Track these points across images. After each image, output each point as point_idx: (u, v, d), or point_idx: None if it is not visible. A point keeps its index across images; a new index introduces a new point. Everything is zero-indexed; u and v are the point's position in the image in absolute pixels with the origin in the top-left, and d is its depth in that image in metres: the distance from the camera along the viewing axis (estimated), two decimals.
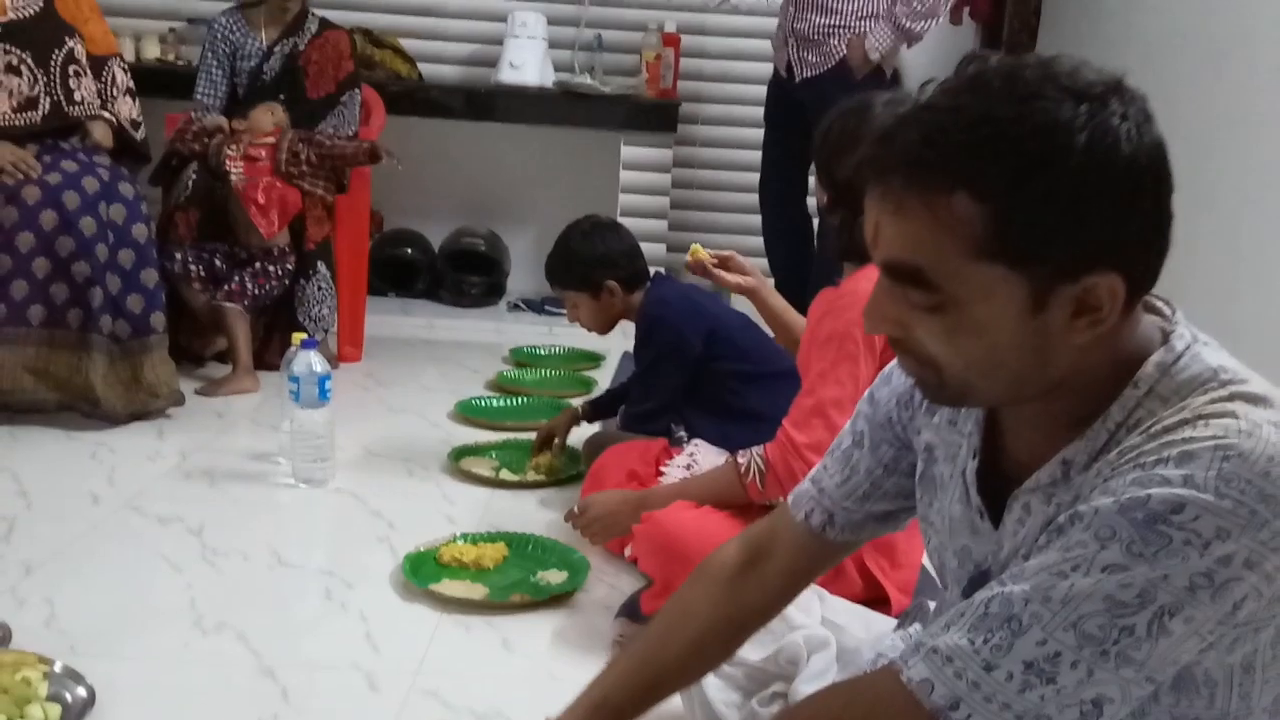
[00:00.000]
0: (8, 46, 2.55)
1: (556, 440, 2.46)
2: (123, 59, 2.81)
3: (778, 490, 1.62)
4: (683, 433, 2.27)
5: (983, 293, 0.78)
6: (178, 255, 2.97)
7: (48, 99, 2.62)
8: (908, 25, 3.21)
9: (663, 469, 2.10)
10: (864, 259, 1.66)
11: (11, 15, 2.57)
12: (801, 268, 3.49)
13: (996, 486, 0.90)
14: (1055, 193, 0.75)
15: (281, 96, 3.22)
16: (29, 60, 2.58)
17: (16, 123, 2.57)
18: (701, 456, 2.08)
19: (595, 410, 2.51)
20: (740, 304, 2.51)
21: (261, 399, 2.86)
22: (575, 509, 1.95)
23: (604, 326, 2.44)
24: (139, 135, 2.87)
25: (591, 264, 2.35)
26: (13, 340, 2.46)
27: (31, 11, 2.61)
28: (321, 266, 3.19)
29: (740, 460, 1.68)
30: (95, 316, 2.49)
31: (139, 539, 1.99)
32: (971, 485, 0.92)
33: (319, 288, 3.18)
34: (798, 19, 3.29)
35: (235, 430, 2.64)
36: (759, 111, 4.03)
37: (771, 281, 3.76)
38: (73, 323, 2.50)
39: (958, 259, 0.77)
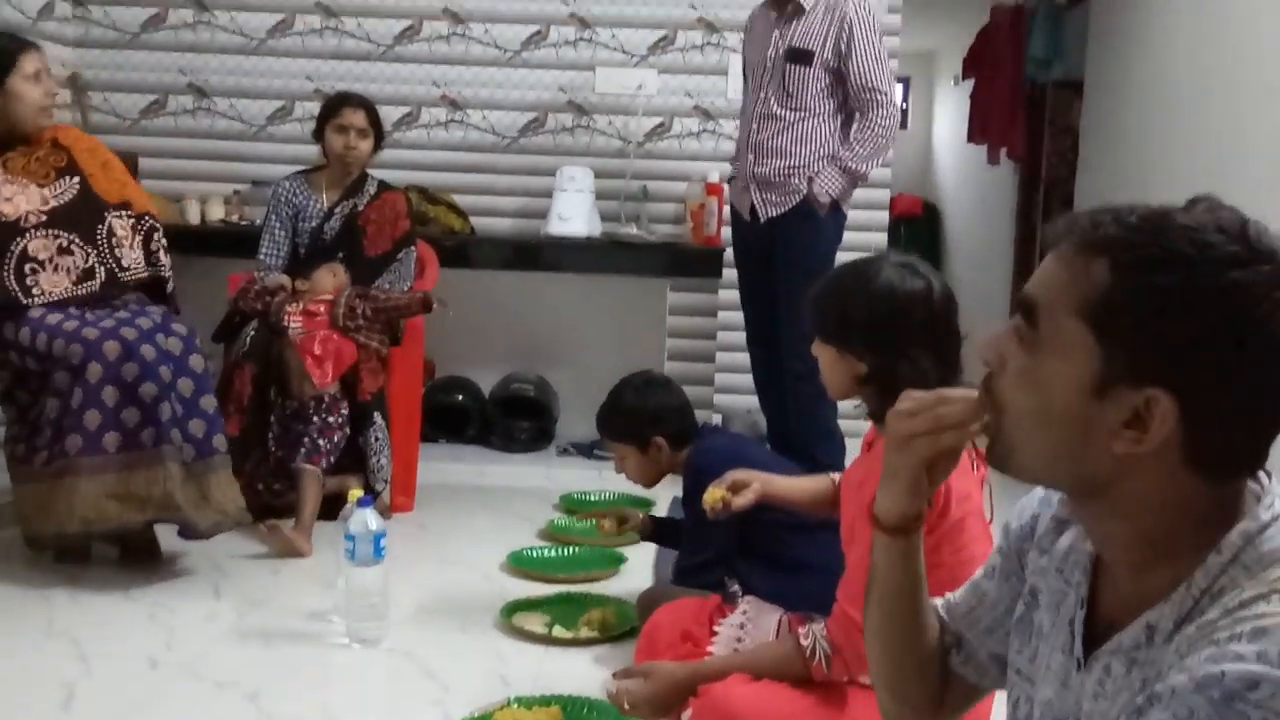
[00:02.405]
0: (56, 231, 2.72)
1: (609, 522, 2.50)
2: (154, 216, 2.95)
3: (843, 670, 1.60)
4: (736, 586, 2.25)
5: (1065, 349, 0.83)
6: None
7: (102, 268, 2.77)
8: (854, 168, 3.30)
9: (716, 628, 2.07)
10: None
11: (53, 203, 2.75)
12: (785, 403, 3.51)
13: (1088, 640, 0.91)
14: (1175, 294, 0.79)
15: (341, 255, 3.34)
16: (77, 239, 2.75)
17: (79, 293, 2.73)
18: (754, 616, 2.05)
19: (655, 529, 2.53)
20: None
21: (316, 551, 2.88)
22: (615, 689, 1.89)
23: (650, 480, 2.46)
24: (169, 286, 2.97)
25: (641, 418, 2.38)
26: (92, 470, 2.53)
27: (70, 196, 2.78)
28: (378, 417, 3.26)
29: (803, 641, 1.66)
30: (166, 430, 2.57)
31: (196, 707, 2.00)
32: (1078, 635, 0.92)
33: (376, 438, 3.24)
34: (758, 164, 3.40)
35: (291, 587, 2.65)
36: None
37: (763, 422, 3.76)
38: (146, 441, 2.57)
39: (1065, 307, 0.83)
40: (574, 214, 3.98)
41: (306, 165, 3.56)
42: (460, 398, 4.17)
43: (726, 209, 3.85)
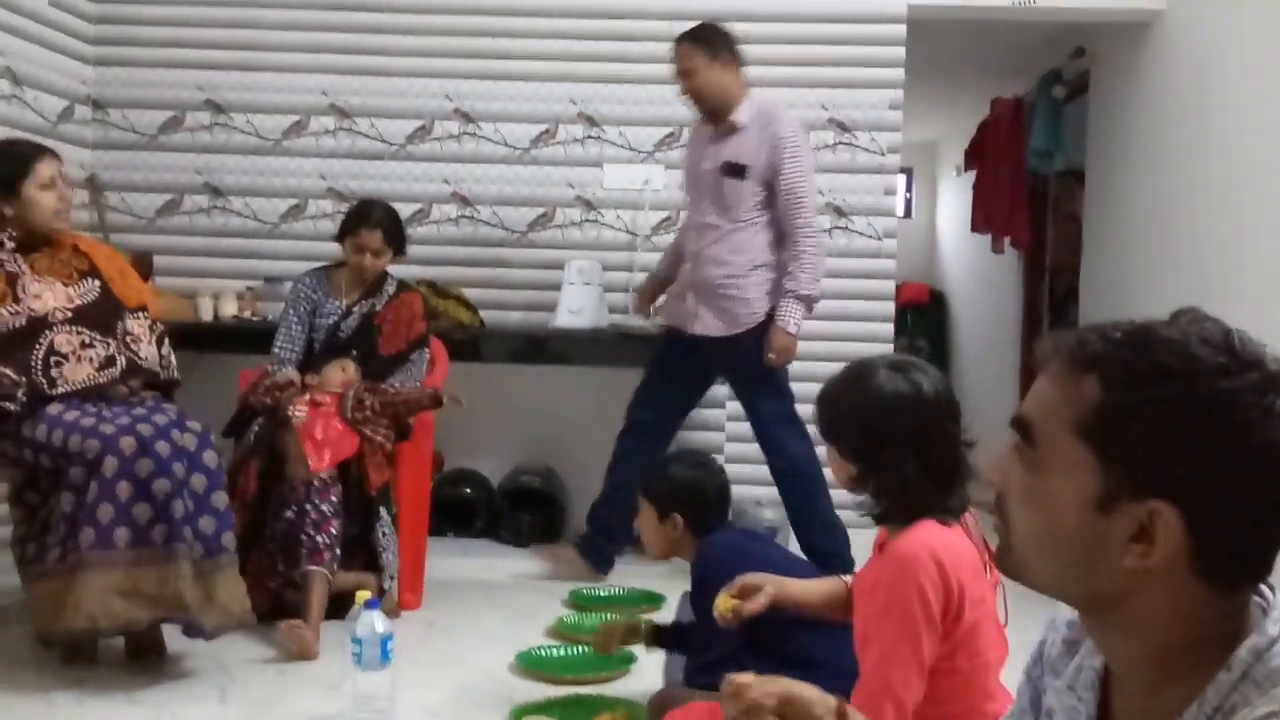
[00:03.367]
0: (79, 328, 2.79)
1: (603, 640, 2.47)
2: (147, 312, 2.99)
3: None
4: None
5: (1065, 467, 0.84)
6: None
7: (122, 357, 2.84)
8: (807, 293, 3.45)
9: None
10: (906, 519, 1.67)
11: (78, 302, 2.84)
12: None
13: None
14: (1166, 406, 0.80)
15: (354, 352, 3.37)
16: (98, 335, 2.82)
17: (100, 380, 2.78)
18: None
19: (659, 636, 2.49)
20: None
21: (323, 652, 2.85)
22: None
23: (658, 550, 2.46)
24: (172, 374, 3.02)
25: (671, 488, 2.39)
26: (101, 564, 2.52)
27: (93, 297, 2.87)
28: (384, 512, 3.25)
29: None
30: (178, 527, 2.57)
31: None
32: None
33: (383, 534, 3.23)
34: (696, 272, 3.56)
35: (297, 691, 2.62)
36: (807, 346, 4.16)
37: (772, 514, 3.80)
38: (157, 538, 2.56)
39: (1061, 426, 0.84)
40: (582, 307, 4.02)
41: (319, 262, 3.61)
42: (468, 490, 4.16)
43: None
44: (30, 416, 2.65)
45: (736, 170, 3.45)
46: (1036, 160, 5.50)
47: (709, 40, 3.46)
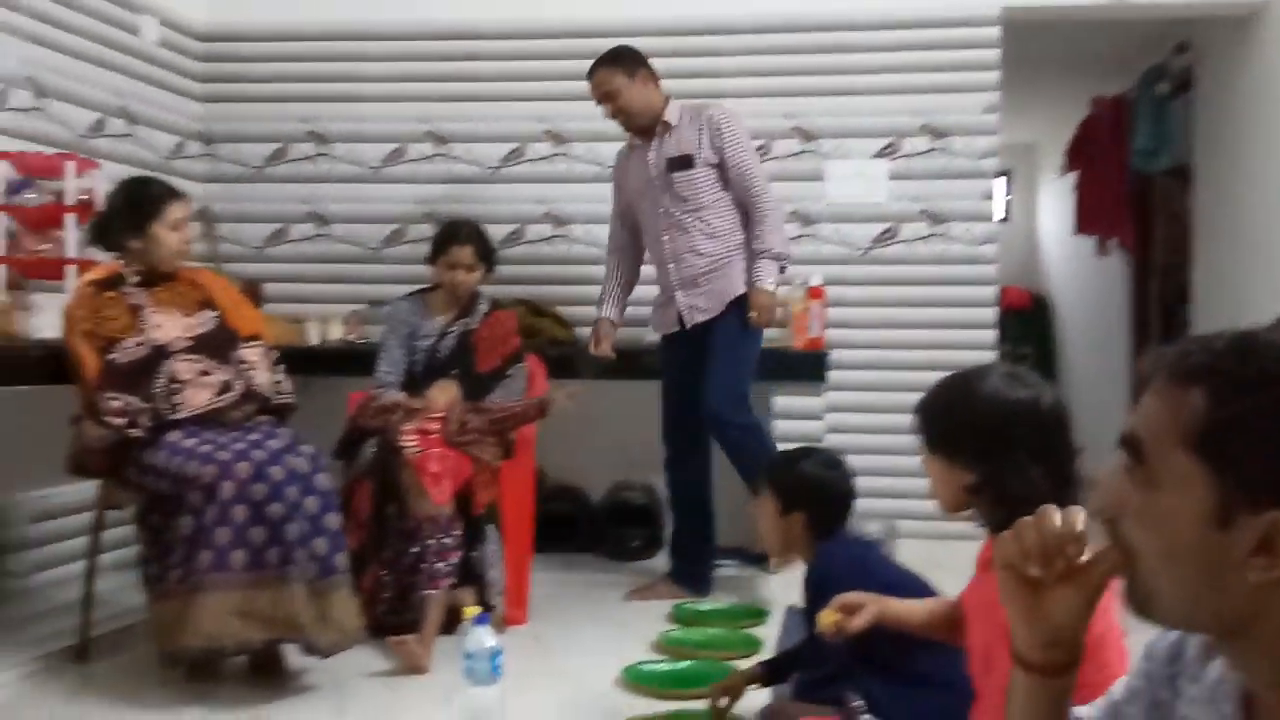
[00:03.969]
0: (198, 357, 2.92)
1: (727, 701, 2.40)
2: (260, 340, 3.10)
3: None
4: (858, 701, 2.19)
5: (1177, 482, 0.82)
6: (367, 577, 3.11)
7: (239, 382, 2.95)
8: (779, 250, 3.53)
9: None
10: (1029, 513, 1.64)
11: (198, 331, 2.97)
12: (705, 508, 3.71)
13: None
14: (1269, 415, 0.78)
15: (454, 372, 3.44)
16: (215, 363, 2.94)
17: (218, 403, 2.89)
18: None
19: (770, 673, 2.46)
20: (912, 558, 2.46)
21: (433, 667, 2.90)
22: None
23: (774, 545, 2.42)
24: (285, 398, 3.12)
25: (799, 484, 2.37)
26: (218, 586, 2.61)
27: (210, 327, 3.01)
28: (491, 530, 3.30)
29: None
30: (292, 551, 2.65)
31: None
32: None
33: (490, 551, 3.28)
34: (679, 271, 3.61)
35: (410, 705, 2.67)
36: (907, 355, 4.11)
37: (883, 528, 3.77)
38: (272, 560, 2.65)
39: (1171, 441, 0.83)
40: None
41: (420, 284, 3.70)
42: (569, 507, 4.20)
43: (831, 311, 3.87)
44: (153, 443, 2.77)
45: (683, 162, 3.56)
46: (1140, 159, 5.34)
47: (623, 60, 3.57)
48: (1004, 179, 8.10)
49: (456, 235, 3.50)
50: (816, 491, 2.37)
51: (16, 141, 3.61)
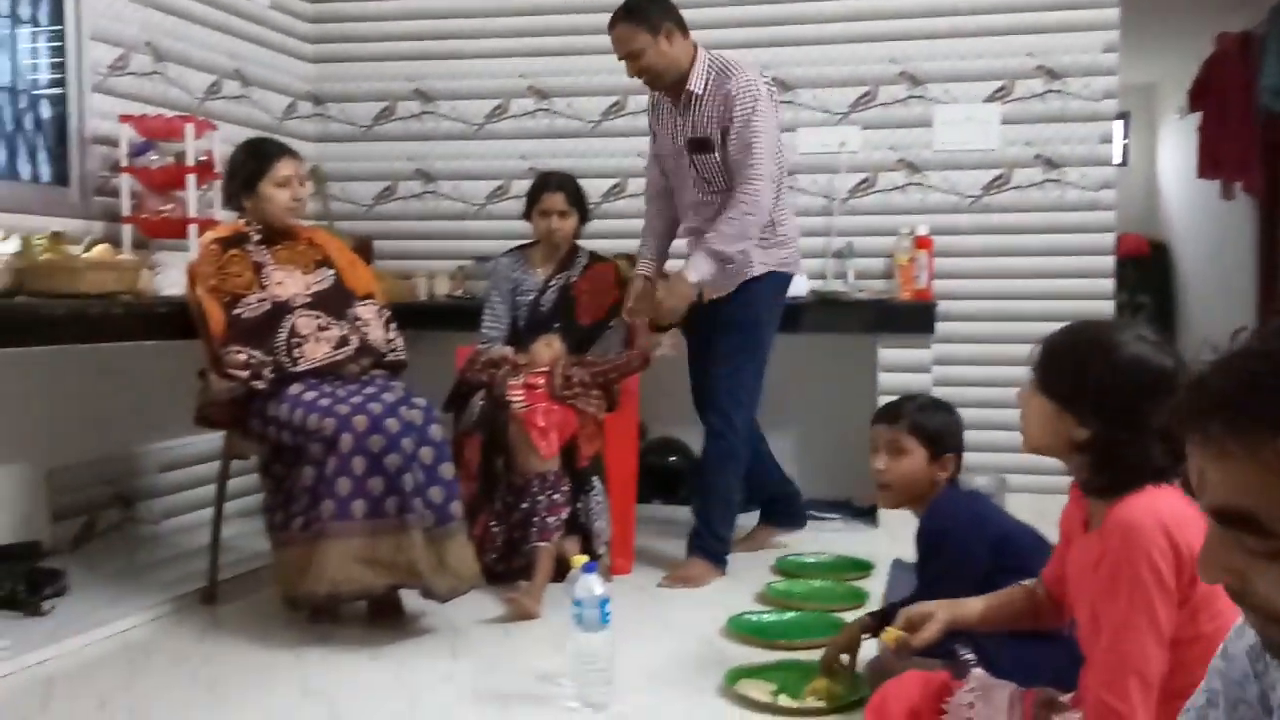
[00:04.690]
0: (317, 313, 3.01)
1: (846, 658, 2.40)
2: (374, 298, 3.17)
3: None
4: (969, 654, 2.16)
5: None
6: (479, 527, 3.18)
7: (355, 337, 3.04)
8: (717, 249, 3.24)
9: (944, 705, 2.00)
10: (1135, 485, 1.60)
11: (315, 288, 3.07)
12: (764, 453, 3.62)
13: None
14: None
15: (556, 325, 3.48)
16: (332, 319, 3.03)
17: (336, 357, 2.99)
18: (983, 694, 1.96)
19: (880, 623, 2.44)
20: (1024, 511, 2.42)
21: (544, 614, 2.97)
22: None
23: (905, 489, 2.38)
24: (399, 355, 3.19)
25: (947, 427, 2.36)
26: (341, 534, 2.71)
27: (328, 285, 3.10)
28: (596, 482, 3.35)
29: None
30: (409, 500, 2.72)
31: None
32: None
33: (596, 502, 3.33)
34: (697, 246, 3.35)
35: (522, 650, 2.74)
36: (1019, 305, 4.00)
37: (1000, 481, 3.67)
38: (390, 510, 2.73)
39: None
40: None
41: (524, 240, 3.74)
42: (673, 459, 4.22)
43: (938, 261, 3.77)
44: (275, 396, 2.87)
45: (703, 146, 3.32)
46: (1269, 98, 5.07)
47: (646, 15, 3.22)
48: (1122, 122, 7.78)
49: (548, 184, 3.55)
50: (958, 436, 2.35)
51: (138, 105, 3.75)
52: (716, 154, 3.30)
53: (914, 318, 3.93)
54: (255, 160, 3.05)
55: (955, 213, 4.23)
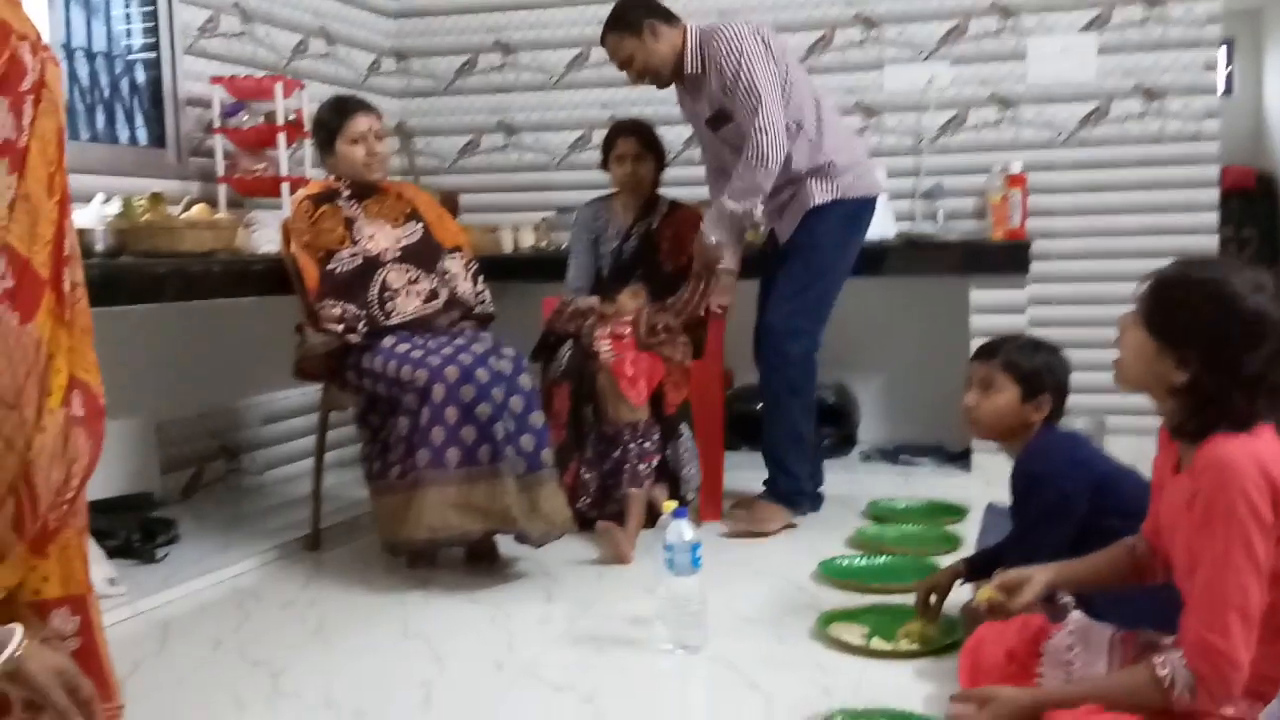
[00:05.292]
0: (407, 266, 3.06)
1: (935, 599, 2.38)
2: (462, 251, 3.21)
3: (1208, 701, 1.49)
4: (1067, 598, 2.13)
5: None
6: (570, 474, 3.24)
7: (444, 290, 3.09)
8: (730, 208, 3.17)
9: (1041, 649, 1.97)
10: (1226, 430, 1.55)
11: (405, 242, 3.11)
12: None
13: None
14: None
15: (639, 272, 3.49)
16: (422, 272, 3.07)
17: (426, 311, 3.03)
18: (1082, 636, 1.94)
19: (974, 569, 2.41)
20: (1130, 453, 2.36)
21: (636, 559, 3.00)
22: (954, 712, 1.84)
23: (997, 428, 2.35)
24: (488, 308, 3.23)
25: (1044, 367, 2.32)
26: (436, 481, 2.77)
27: (417, 238, 3.14)
28: (684, 428, 3.36)
29: (1160, 671, 1.56)
30: (501, 447, 2.77)
31: (539, 709, 2.13)
32: None
33: (685, 449, 3.34)
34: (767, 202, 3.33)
35: (615, 593, 2.79)
36: (1118, 243, 3.88)
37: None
38: (483, 458, 2.78)
39: None
40: None
41: (606, 190, 3.73)
42: (759, 406, 4.20)
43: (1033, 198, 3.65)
44: (369, 349, 2.93)
45: (720, 119, 3.26)
46: None
47: (626, 20, 3.25)
48: (1226, 48, 7.42)
49: (621, 129, 3.57)
50: (1057, 376, 2.31)
51: (228, 66, 3.82)
52: (735, 120, 3.25)
53: (1008, 258, 3.83)
54: (332, 118, 3.09)
55: (1050, 148, 4.10)
